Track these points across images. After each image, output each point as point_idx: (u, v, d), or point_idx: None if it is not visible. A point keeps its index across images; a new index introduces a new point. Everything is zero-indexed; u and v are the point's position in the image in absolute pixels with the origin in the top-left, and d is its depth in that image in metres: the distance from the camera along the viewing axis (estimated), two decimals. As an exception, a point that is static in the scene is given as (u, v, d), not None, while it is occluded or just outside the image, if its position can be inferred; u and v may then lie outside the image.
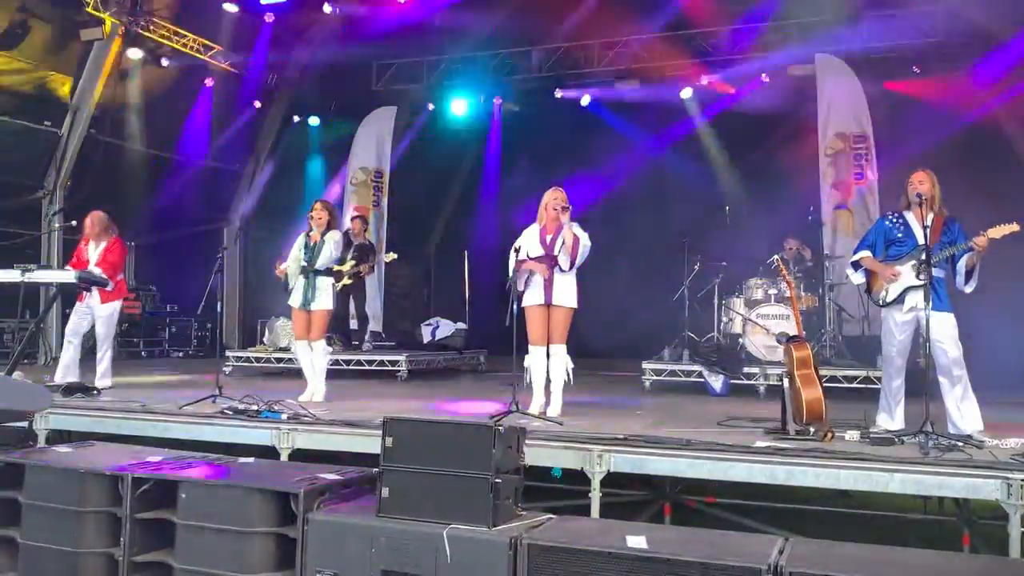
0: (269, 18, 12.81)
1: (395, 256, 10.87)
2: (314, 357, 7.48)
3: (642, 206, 13.81)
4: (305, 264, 7.44)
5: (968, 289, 5.58)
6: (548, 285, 6.36)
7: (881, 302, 5.75)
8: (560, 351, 6.45)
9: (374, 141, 14.86)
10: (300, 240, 7.55)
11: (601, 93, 14.35)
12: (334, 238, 7.55)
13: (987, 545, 4.98)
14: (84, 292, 8.04)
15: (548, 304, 6.38)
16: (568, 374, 6.48)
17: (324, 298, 7.46)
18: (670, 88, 13.92)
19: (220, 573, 4.32)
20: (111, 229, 8.27)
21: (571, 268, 6.37)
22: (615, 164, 14.02)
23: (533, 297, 6.39)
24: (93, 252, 8.17)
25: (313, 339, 7.47)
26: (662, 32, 13.54)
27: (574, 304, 6.45)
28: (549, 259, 6.36)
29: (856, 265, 5.95)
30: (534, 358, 6.43)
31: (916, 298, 5.48)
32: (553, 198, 6.47)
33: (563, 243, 6.33)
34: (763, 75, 13.16)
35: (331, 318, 7.86)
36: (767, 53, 12.87)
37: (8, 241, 9.60)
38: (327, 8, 12.86)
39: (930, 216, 5.57)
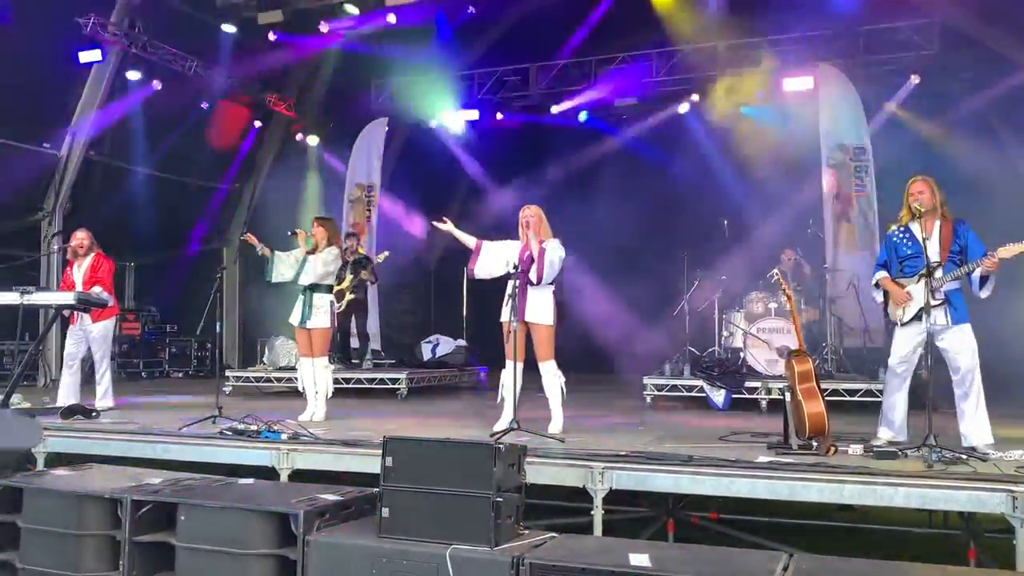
0: (272, 36, 12.83)
1: (387, 254, 10.89)
2: (316, 374, 7.47)
3: (641, 221, 13.80)
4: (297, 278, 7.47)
5: (983, 294, 5.54)
6: (522, 301, 6.33)
7: (900, 323, 5.69)
8: (550, 368, 6.43)
9: (367, 155, 14.91)
10: (299, 253, 7.55)
11: (599, 109, 14.41)
12: (327, 254, 7.53)
13: (994, 559, 4.94)
14: (75, 314, 7.99)
15: (522, 321, 6.34)
16: (562, 389, 6.45)
17: (321, 316, 7.45)
18: (669, 103, 13.99)
19: (220, 596, 4.28)
20: (96, 245, 8.26)
21: (539, 282, 6.37)
22: (613, 180, 14.06)
23: (508, 313, 6.32)
24: (78, 272, 8.12)
25: (316, 356, 7.46)
26: (660, 48, 13.61)
27: (550, 321, 6.42)
28: (523, 274, 6.36)
29: (876, 285, 5.94)
30: (508, 374, 6.36)
31: (933, 315, 5.42)
32: (522, 214, 6.51)
33: (530, 257, 6.37)
34: (761, 90, 13.21)
35: (332, 336, 7.86)
36: (765, 66, 12.91)
37: (7, 263, 9.59)
38: (324, 27, 12.93)
39: (937, 224, 5.56)
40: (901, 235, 5.76)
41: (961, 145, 10.59)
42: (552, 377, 6.43)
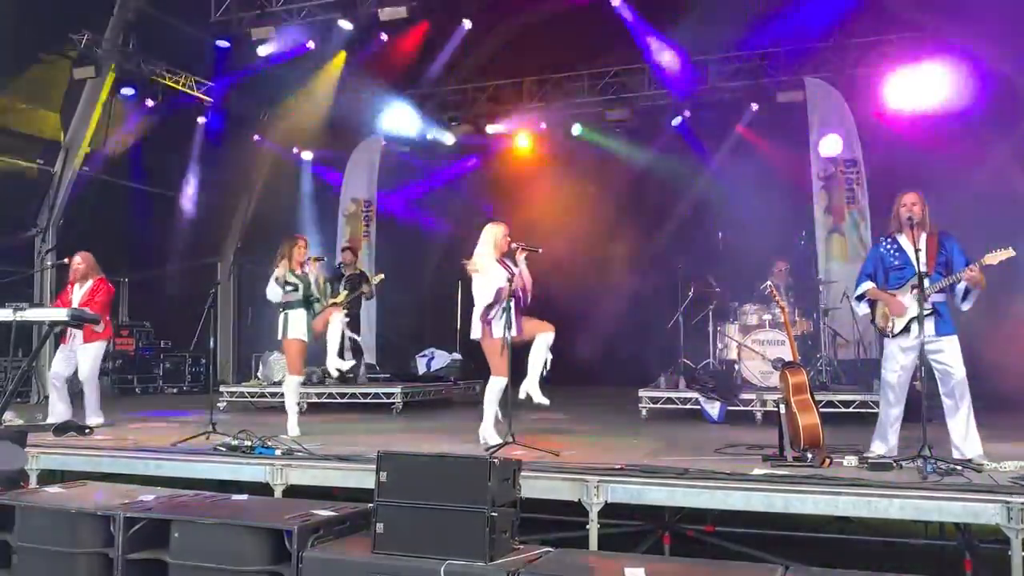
0: (263, 51, 12.82)
1: (383, 276, 10.86)
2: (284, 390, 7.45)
3: (635, 234, 13.84)
4: (297, 294, 7.42)
5: (965, 307, 5.56)
6: (518, 316, 6.38)
7: (890, 335, 5.68)
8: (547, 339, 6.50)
9: (363, 171, 14.97)
10: (282, 271, 7.48)
11: (592, 122, 14.47)
12: (321, 272, 7.57)
13: (990, 570, 4.93)
14: (67, 334, 7.95)
15: (520, 335, 6.39)
16: (546, 363, 6.49)
17: (296, 327, 7.39)
18: (662, 116, 14.05)
19: (214, 613, 4.25)
20: (96, 270, 8.23)
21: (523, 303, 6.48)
22: (608, 192, 14.10)
23: (501, 330, 6.31)
24: (77, 293, 8.08)
25: (290, 372, 7.44)
26: (653, 61, 13.67)
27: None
28: (513, 293, 6.39)
29: (860, 297, 5.91)
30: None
31: (924, 326, 5.42)
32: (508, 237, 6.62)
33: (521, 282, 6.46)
34: (753, 104, 13.30)
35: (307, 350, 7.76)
36: (757, 79, 12.99)
37: (0, 279, 9.57)
38: (311, 44, 12.95)
39: (923, 237, 5.57)
40: (889, 246, 5.78)
41: (949, 154, 10.62)
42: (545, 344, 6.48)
